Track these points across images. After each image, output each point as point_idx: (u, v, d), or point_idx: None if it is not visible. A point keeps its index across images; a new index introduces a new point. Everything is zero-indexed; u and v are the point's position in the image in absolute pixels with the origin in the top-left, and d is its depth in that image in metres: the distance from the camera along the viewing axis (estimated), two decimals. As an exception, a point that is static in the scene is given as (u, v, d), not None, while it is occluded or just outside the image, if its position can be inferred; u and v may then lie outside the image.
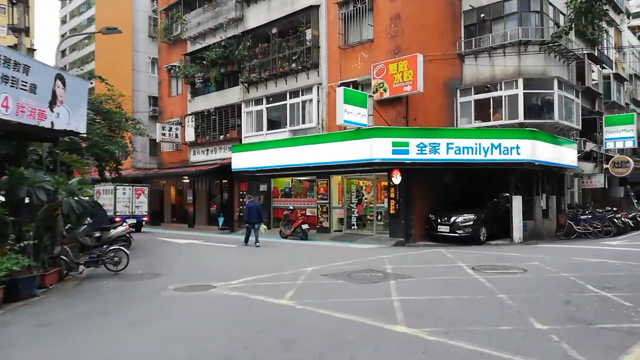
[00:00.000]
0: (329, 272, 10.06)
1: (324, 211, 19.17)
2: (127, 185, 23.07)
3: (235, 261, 12.46)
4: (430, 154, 15.70)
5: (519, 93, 17.96)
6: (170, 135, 26.09)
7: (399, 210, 16.62)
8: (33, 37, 72.01)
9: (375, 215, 17.88)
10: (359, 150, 16.06)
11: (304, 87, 19.74)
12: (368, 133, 15.85)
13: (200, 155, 25.30)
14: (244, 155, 20.66)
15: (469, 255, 12.90)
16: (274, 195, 21.76)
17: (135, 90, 35.01)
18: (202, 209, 26.42)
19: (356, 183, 18.89)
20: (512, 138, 16.06)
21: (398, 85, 16.45)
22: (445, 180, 18.66)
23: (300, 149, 18.19)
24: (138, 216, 23.01)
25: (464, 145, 15.80)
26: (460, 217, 16.34)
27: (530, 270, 10.09)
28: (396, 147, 15.59)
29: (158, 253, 14.15)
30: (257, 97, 21.77)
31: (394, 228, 16.85)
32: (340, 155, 16.71)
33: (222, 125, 23.76)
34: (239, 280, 9.17)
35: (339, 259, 12.14)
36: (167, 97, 28.74)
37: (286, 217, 19.01)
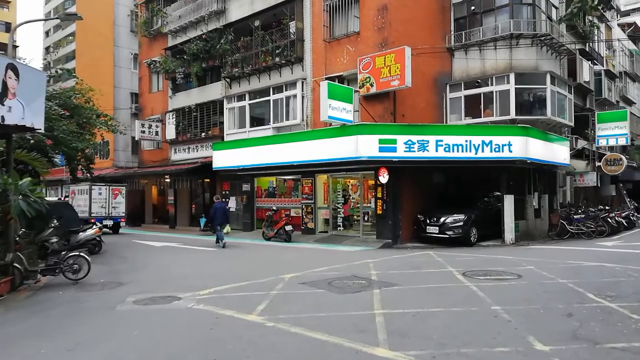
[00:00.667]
0: (309, 279, 9.26)
1: (309, 212, 18.37)
2: (104, 185, 22.08)
3: (210, 267, 11.60)
4: (419, 151, 14.96)
5: (511, 88, 17.30)
6: (150, 133, 25.10)
7: (386, 211, 15.87)
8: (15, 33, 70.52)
9: (362, 215, 17.12)
10: (344, 148, 15.27)
11: (288, 82, 18.90)
12: (354, 130, 15.07)
13: (182, 154, 24.36)
14: (225, 154, 19.77)
15: (459, 258, 12.18)
16: (257, 195, 20.91)
17: (117, 87, 33.82)
18: (183, 210, 25.48)
19: (342, 182, 18.11)
20: (504, 135, 15.36)
21: (385, 80, 15.68)
22: (435, 179, 17.96)
23: (284, 147, 17.35)
24: (115, 217, 22.03)
25: (453, 143, 15.08)
26: (450, 218, 15.62)
27: (525, 276, 9.37)
28: (383, 144, 14.82)
29: (128, 258, 13.24)
30: (240, 92, 20.89)
31: (381, 229, 16.10)
32: (325, 153, 15.90)
33: (203, 122, 22.84)
34: (208, 290, 8.33)
35: (322, 263, 11.35)
36: (148, 94, 27.74)
37: (269, 218, 18.18)
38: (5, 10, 68.75)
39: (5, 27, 68.05)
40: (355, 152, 14.93)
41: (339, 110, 15.09)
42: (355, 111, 16.34)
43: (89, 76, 36.55)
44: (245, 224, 20.89)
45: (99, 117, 15.70)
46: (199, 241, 18.34)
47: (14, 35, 60.90)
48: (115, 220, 22.09)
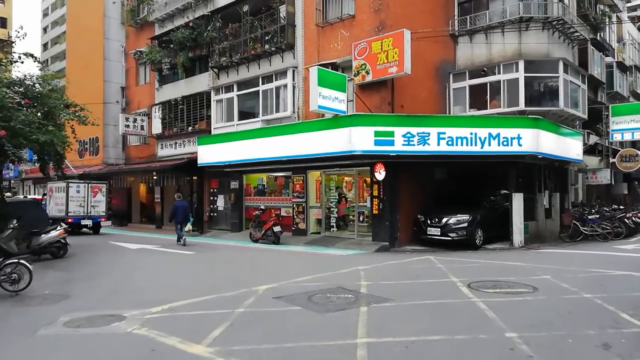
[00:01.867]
0: (287, 292, 7.85)
1: (300, 211, 16.96)
2: (82, 183, 20.71)
3: (179, 275, 10.18)
4: (419, 145, 13.52)
5: (520, 77, 15.82)
6: (135, 128, 23.72)
7: (383, 211, 14.45)
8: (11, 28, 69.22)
9: (356, 215, 15.69)
10: (337, 141, 13.86)
11: (278, 70, 17.48)
12: (347, 121, 13.64)
13: (169, 149, 22.99)
14: (211, 148, 18.38)
15: (463, 265, 10.75)
16: (246, 193, 19.51)
17: (107, 81, 32.39)
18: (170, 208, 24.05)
19: (336, 179, 16.68)
20: (513, 127, 13.91)
21: (382, 67, 14.23)
22: (436, 175, 16.52)
23: (273, 141, 15.94)
24: (94, 217, 20.68)
25: (457, 135, 13.64)
26: (453, 218, 14.19)
27: (542, 289, 7.94)
28: (379, 137, 13.39)
29: (92, 263, 11.86)
30: (228, 83, 19.48)
31: (377, 231, 14.68)
32: (317, 147, 14.49)
33: (190, 116, 21.43)
34: (162, 307, 6.94)
35: (308, 270, 9.95)
36: (135, 87, 26.39)
37: (257, 218, 16.78)
38: (1, 5, 67.39)
39: (1, 23, 66.67)
40: (348, 145, 13.52)
41: (330, 99, 13.66)
42: (349, 101, 14.93)
43: (79, 70, 35.55)
44: (234, 224, 19.50)
45: (69, 108, 14.37)
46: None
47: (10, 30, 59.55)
48: (95, 219, 20.74)
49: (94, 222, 20.70)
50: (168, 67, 22.27)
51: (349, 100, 14.78)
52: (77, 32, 36.44)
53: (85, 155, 33.23)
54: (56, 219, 20.56)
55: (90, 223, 20.46)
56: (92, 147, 32.90)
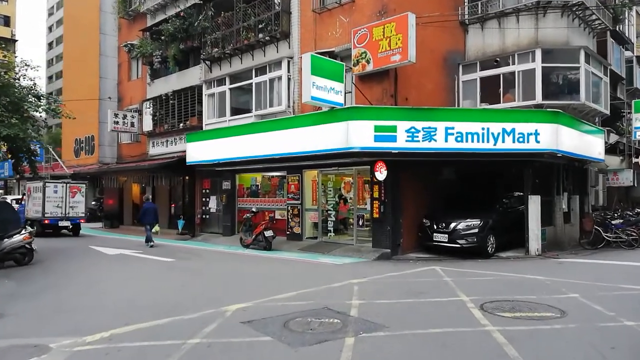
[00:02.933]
0: (261, 314, 6.50)
1: (295, 214, 15.60)
2: (59, 183, 19.61)
3: (143, 289, 8.79)
4: (424, 141, 12.11)
5: (537, 67, 14.36)
6: (125, 125, 22.49)
7: (385, 214, 13.05)
8: (14, 26, 68.61)
9: (356, 219, 14.30)
10: (333, 137, 12.49)
11: (272, 61, 16.14)
12: (344, 114, 12.27)
13: (160, 147, 21.73)
14: (200, 146, 17.09)
15: (474, 278, 9.34)
16: (239, 194, 18.18)
17: (103, 78, 31.19)
18: (163, 210, 22.73)
19: (333, 179, 15.29)
20: (530, 121, 12.46)
21: (384, 55, 12.84)
22: (444, 175, 15.08)
23: (265, 137, 14.60)
24: (73, 218, 19.59)
25: (467, 131, 12.22)
26: (463, 223, 12.75)
27: (571, 313, 6.52)
28: (380, 132, 12.00)
29: (54, 272, 10.57)
30: (220, 76, 18.18)
31: (378, 236, 13.28)
32: (312, 144, 13.13)
33: (181, 112, 20.16)
34: (101, 335, 5.60)
35: (295, 284, 8.61)
36: (127, 82, 25.22)
37: (247, 222, 15.44)
38: (4, 3, 66.72)
39: (4, 21, 66.01)
40: (345, 141, 12.14)
41: (325, 90, 12.29)
42: (347, 93, 13.58)
43: (76, 66, 34.51)
44: (225, 228, 18.18)
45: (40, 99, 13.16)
46: (166, 248, 15.66)
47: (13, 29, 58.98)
48: (74, 221, 19.67)
49: (73, 224, 19.61)
50: (159, 60, 21.03)
51: (347, 92, 13.42)
52: (74, 27, 35.46)
53: (81, 154, 32.20)
54: (34, 220, 19.62)
55: (69, 224, 19.36)
56: (87, 146, 31.81)
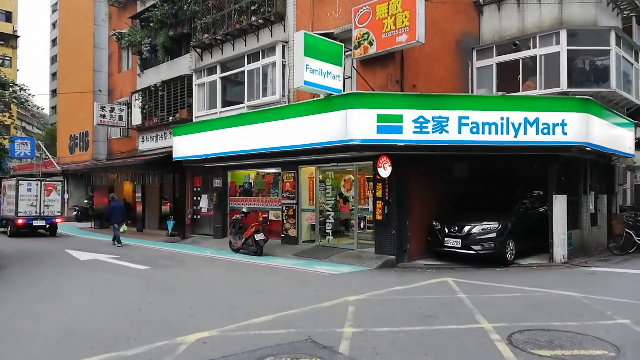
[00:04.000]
0: (224, 350, 5.00)
1: (291, 215, 14.10)
2: (34, 180, 18.43)
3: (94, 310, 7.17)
4: (435, 133, 10.56)
5: (562, 50, 12.74)
6: (112, 118, 21.12)
7: (389, 216, 11.51)
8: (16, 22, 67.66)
9: (357, 221, 12.75)
10: (330, 128, 10.97)
11: (266, 46, 14.62)
12: (342, 102, 10.72)
13: (149, 143, 20.32)
14: (187, 140, 15.64)
15: (495, 295, 7.79)
16: (231, 192, 16.71)
17: (97, 71, 29.81)
18: (153, 209, 21.49)
19: (332, 177, 13.76)
20: (556, 110, 10.85)
21: (389, 35, 11.28)
22: (455, 173, 13.51)
23: (256, 130, 13.11)
24: (48, 217, 18.47)
25: (484, 121, 10.64)
26: (479, 227, 11.18)
27: (630, 350, 4.96)
28: (384, 122, 10.45)
29: (4, 282, 9.15)
30: (211, 64, 16.71)
31: (381, 241, 11.74)
32: (308, 136, 11.61)
33: (171, 104, 18.72)
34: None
35: (277, 303, 7.12)
36: (117, 74, 23.86)
37: (237, 224, 13.96)
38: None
39: (5, 17, 65.05)
40: (344, 133, 10.61)
41: (321, 74, 10.76)
42: (347, 78, 12.06)
43: (71, 59, 33.19)
44: (216, 229, 16.73)
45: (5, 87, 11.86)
46: (149, 252, 14.25)
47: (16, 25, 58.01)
48: (49, 220, 18.53)
49: (49, 224, 18.44)
50: (148, 48, 19.62)
51: (346, 77, 11.89)
52: (70, 18, 34.15)
53: (76, 151, 30.95)
54: (9, 220, 18.45)
55: (44, 224, 18.19)
56: (82, 143, 30.53)
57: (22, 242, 16.70)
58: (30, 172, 30.94)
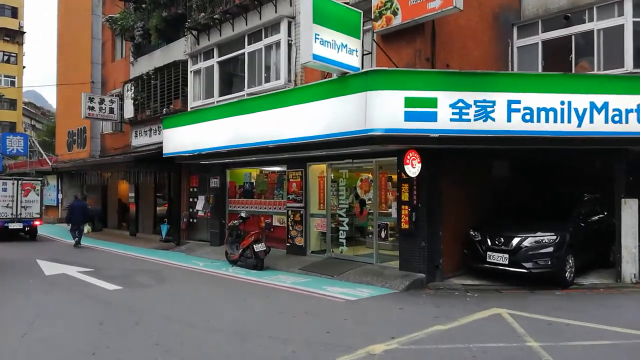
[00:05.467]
0: None
1: (298, 220, 11.98)
2: (9, 179, 16.62)
3: None
4: (477, 120, 8.37)
5: (626, 22, 10.44)
6: (102, 111, 19.16)
7: (418, 224, 9.33)
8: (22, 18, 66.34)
9: (376, 229, 10.54)
10: (345, 115, 8.83)
11: (269, 23, 12.50)
12: (360, 81, 8.56)
13: (143, 138, 18.30)
14: (179, 133, 13.61)
15: (579, 342, 5.58)
16: (230, 193, 14.62)
17: (95, 63, 27.84)
18: (148, 211, 19.46)
19: (347, 175, 11.56)
20: (631, 92, 8.64)
21: (418, 1, 9.11)
22: (495, 170, 11.29)
23: (255, 119, 11.02)
24: (26, 220, 16.71)
25: (540, 105, 8.45)
26: (531, 238, 8.94)
27: None
28: (413, 106, 8.29)
29: None
30: (207, 47, 14.63)
31: (407, 255, 9.57)
32: (317, 126, 9.48)
33: (164, 94, 16.67)
34: None
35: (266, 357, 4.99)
36: (111, 63, 21.99)
37: (234, 231, 11.86)
38: (13, -6, 64.41)
39: (11, 13, 63.69)
40: (362, 121, 8.46)
41: (334, 47, 8.61)
42: (366, 54, 9.90)
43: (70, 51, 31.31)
44: (213, 235, 14.67)
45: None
46: (131, 263, 12.23)
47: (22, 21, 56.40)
48: (27, 223, 16.88)
49: (26, 226, 16.71)
50: (140, 32, 17.62)
51: (364, 53, 9.72)
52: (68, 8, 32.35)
53: (74, 147, 29.13)
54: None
55: (22, 226, 16.39)
56: (79, 139, 28.64)
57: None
58: (24, 170, 29.21)
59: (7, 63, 60.84)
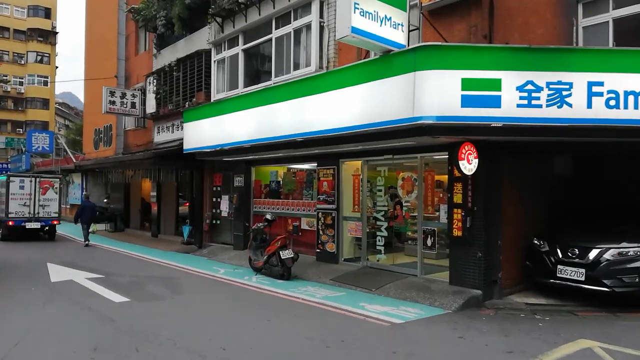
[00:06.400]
0: None
1: (329, 224, 10.67)
2: (27, 177, 15.83)
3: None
4: (551, 106, 6.88)
5: None
6: (123, 105, 18.31)
7: (473, 230, 7.89)
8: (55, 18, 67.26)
9: (421, 236, 9.11)
10: (388, 101, 7.47)
11: (299, 4, 11.24)
12: (408, 60, 7.17)
13: (165, 134, 17.35)
14: (199, 127, 12.49)
15: None
16: (255, 193, 13.45)
17: (120, 59, 27.45)
18: (170, 211, 18.54)
19: (385, 174, 10.16)
20: None
21: (474, -32, 7.69)
22: (561, 167, 9.69)
23: (283, 109, 9.78)
24: (45, 219, 15.92)
25: (628, 89, 6.90)
26: (614, 250, 7.37)
27: None
28: (472, 89, 6.86)
29: None
30: (232, 34, 13.50)
31: (459, 266, 8.13)
32: (353, 116, 8.14)
33: (187, 87, 15.64)
34: None
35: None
36: (134, 57, 21.22)
37: (258, 234, 10.62)
38: (46, -5, 65.37)
39: (44, 13, 64.64)
40: (409, 108, 7.07)
41: (376, 20, 7.26)
42: (412, 30, 8.51)
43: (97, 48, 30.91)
44: (237, 238, 13.53)
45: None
46: (147, 269, 11.19)
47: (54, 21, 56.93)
48: (45, 222, 16.21)
49: (45, 226, 16.13)
50: (163, 22, 16.69)
51: (410, 29, 8.33)
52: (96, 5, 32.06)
53: (100, 145, 28.68)
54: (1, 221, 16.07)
55: (39, 226, 15.68)
56: (106, 137, 28.16)
57: (8, 248, 14.18)
58: (51, 168, 28.93)
59: (40, 63, 61.77)
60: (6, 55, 59.09)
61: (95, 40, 31.14)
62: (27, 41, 60.57)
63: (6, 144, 39.95)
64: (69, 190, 28.50)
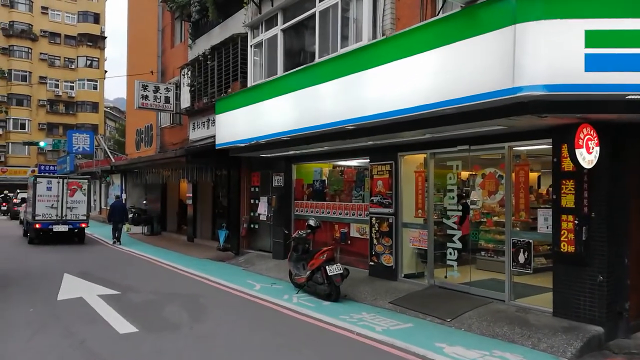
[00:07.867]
0: None
1: (385, 232, 8.75)
2: (54, 178, 14.97)
3: None
4: None
5: None
6: (157, 100, 17.06)
7: (590, 244, 5.76)
8: (104, 23, 68.67)
9: (510, 248, 7.00)
10: (470, 71, 5.50)
11: (347, -30, 9.42)
12: (504, 9, 5.17)
13: (200, 130, 15.96)
14: (233, 118, 10.90)
15: None
16: (296, 194, 11.70)
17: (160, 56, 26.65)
18: (206, 213, 17.14)
19: (456, 169, 8.11)
20: None
21: None
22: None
23: (329, 91, 7.98)
24: (73, 222, 15.12)
25: None
26: None
27: None
28: (601, 46, 4.79)
29: None
30: (269, 14, 11.82)
31: (568, 292, 6.01)
32: (420, 92, 6.22)
33: (222, 77, 14.13)
34: None
35: None
36: (170, 50, 20.04)
37: (300, 244, 8.82)
38: (94, 1, 66.85)
39: (94, 19, 66.00)
40: (505, 75, 5.08)
41: (458, -44, 5.32)
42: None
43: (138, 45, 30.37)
44: (276, 246, 11.84)
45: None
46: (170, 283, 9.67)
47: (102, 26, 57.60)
48: (73, 225, 15.33)
49: (73, 229, 15.30)
50: (197, 8, 15.32)
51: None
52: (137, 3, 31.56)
53: (141, 146, 28.00)
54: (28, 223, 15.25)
55: (67, 229, 15.03)
56: (147, 137, 27.39)
57: (31, 253, 13.18)
58: (92, 170, 28.52)
59: (90, 67, 62.99)
60: (58, 61, 60.59)
61: (136, 38, 30.57)
62: (77, 46, 61.92)
63: (53, 146, 40.47)
64: (109, 192, 27.98)
